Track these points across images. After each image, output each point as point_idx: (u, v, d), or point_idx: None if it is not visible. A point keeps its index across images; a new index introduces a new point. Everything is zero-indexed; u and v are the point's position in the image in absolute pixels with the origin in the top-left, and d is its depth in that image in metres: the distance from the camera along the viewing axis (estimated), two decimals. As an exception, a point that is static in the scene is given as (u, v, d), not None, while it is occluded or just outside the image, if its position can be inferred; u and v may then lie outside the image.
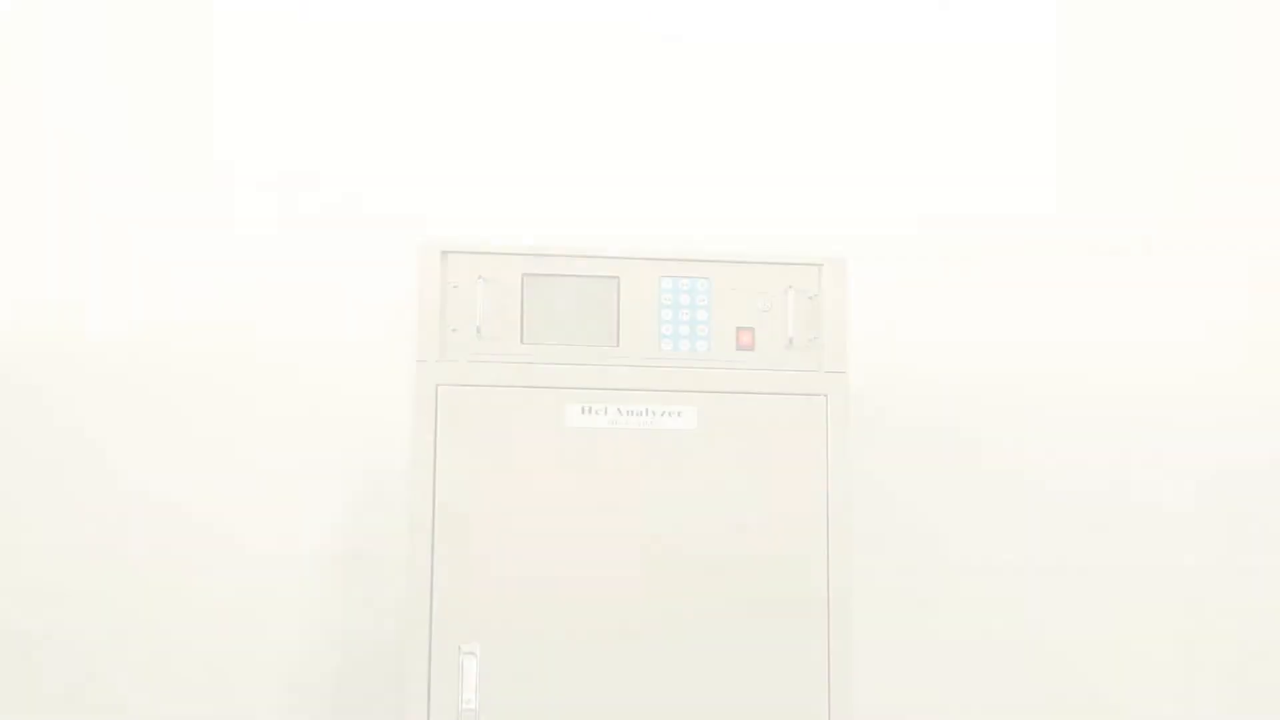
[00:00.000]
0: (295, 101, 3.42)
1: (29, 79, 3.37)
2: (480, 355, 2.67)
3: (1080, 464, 3.53)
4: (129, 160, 3.36)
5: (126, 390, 3.29)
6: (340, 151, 3.40)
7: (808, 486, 2.66)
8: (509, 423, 2.63)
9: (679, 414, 2.66)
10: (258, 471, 3.29)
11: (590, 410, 2.64)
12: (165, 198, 3.35)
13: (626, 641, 2.58)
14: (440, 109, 3.44)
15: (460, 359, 2.66)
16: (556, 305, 2.69)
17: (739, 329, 2.73)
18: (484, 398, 2.63)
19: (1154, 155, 3.62)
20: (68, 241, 3.32)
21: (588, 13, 3.51)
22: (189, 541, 3.25)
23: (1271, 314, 3.60)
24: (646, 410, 2.65)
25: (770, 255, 2.80)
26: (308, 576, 3.27)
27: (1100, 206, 3.58)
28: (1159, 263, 3.57)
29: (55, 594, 3.19)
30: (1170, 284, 3.57)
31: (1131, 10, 3.66)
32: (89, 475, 3.25)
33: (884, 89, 3.55)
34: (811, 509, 2.65)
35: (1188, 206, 3.60)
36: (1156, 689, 3.46)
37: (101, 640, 3.20)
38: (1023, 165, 3.56)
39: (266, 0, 3.45)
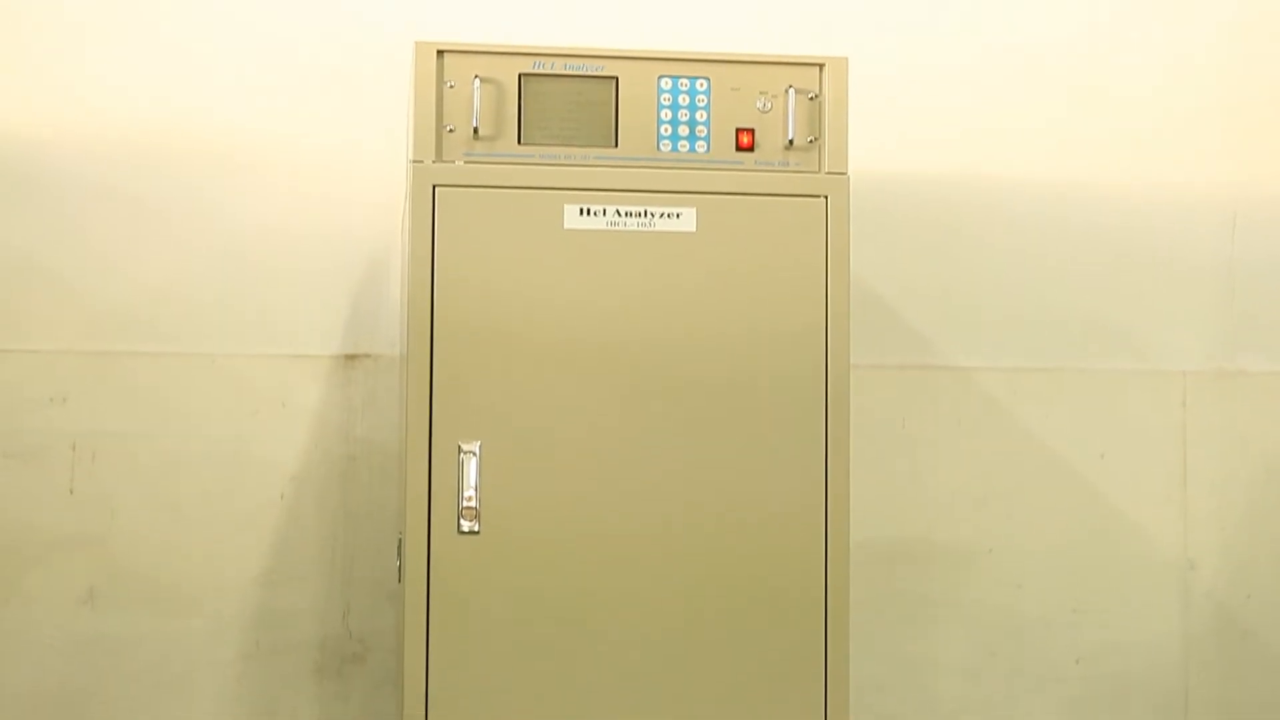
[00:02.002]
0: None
1: None
2: (477, 156, 2.65)
3: (1080, 267, 3.53)
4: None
5: (113, 191, 3.27)
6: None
7: (806, 288, 2.65)
8: (507, 224, 2.61)
9: (677, 216, 2.64)
10: (254, 273, 3.29)
11: (588, 212, 2.63)
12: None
13: (625, 437, 2.60)
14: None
15: (456, 160, 2.64)
16: (554, 106, 2.66)
17: (738, 130, 2.70)
18: (481, 199, 2.61)
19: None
20: (54, 40, 3.27)
21: None
22: (186, 349, 3.27)
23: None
24: (645, 212, 2.64)
25: (770, 54, 2.76)
26: (307, 378, 3.29)
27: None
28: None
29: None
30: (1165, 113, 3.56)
31: None
32: (79, 284, 3.25)
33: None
34: (810, 311, 2.65)
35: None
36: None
37: (106, 431, 3.24)
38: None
39: None
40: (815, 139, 2.71)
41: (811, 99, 2.71)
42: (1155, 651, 3.54)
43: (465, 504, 2.56)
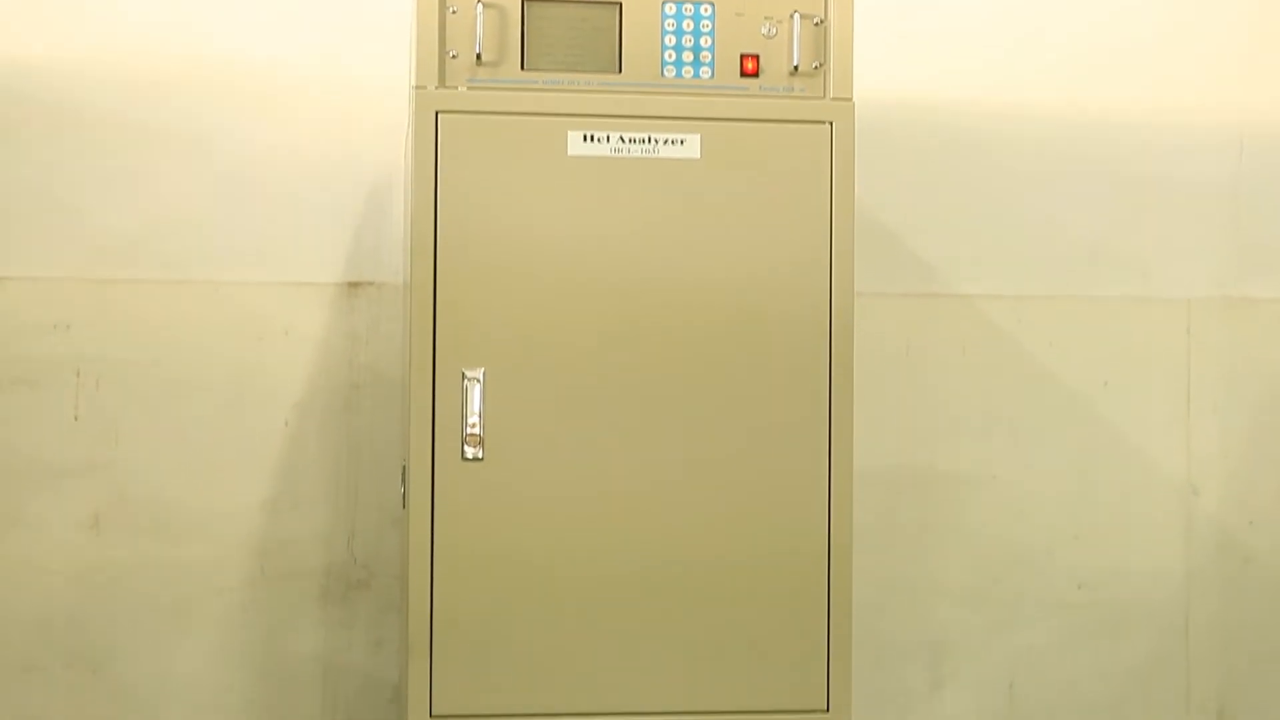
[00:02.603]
0: None
1: None
2: (480, 83, 2.63)
3: (1085, 194, 3.52)
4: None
5: (116, 118, 3.25)
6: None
7: (811, 215, 2.64)
8: (510, 151, 2.60)
9: (681, 142, 2.63)
10: (257, 201, 3.28)
11: (592, 139, 2.62)
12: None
13: (628, 364, 2.60)
14: None
15: (459, 86, 2.62)
16: (557, 32, 2.64)
17: (743, 55, 2.68)
18: (484, 125, 2.60)
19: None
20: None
21: None
22: (189, 276, 3.26)
23: None
24: (649, 138, 2.63)
25: (775, -22, 2.74)
26: (311, 306, 3.29)
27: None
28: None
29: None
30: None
31: None
32: (81, 211, 3.25)
33: None
34: (814, 238, 2.64)
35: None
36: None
37: (110, 358, 3.24)
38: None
39: None
40: (820, 65, 2.69)
41: (817, 24, 2.69)
42: (1157, 577, 3.55)
43: (469, 431, 2.57)
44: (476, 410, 2.56)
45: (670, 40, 2.66)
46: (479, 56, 2.62)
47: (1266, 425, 3.59)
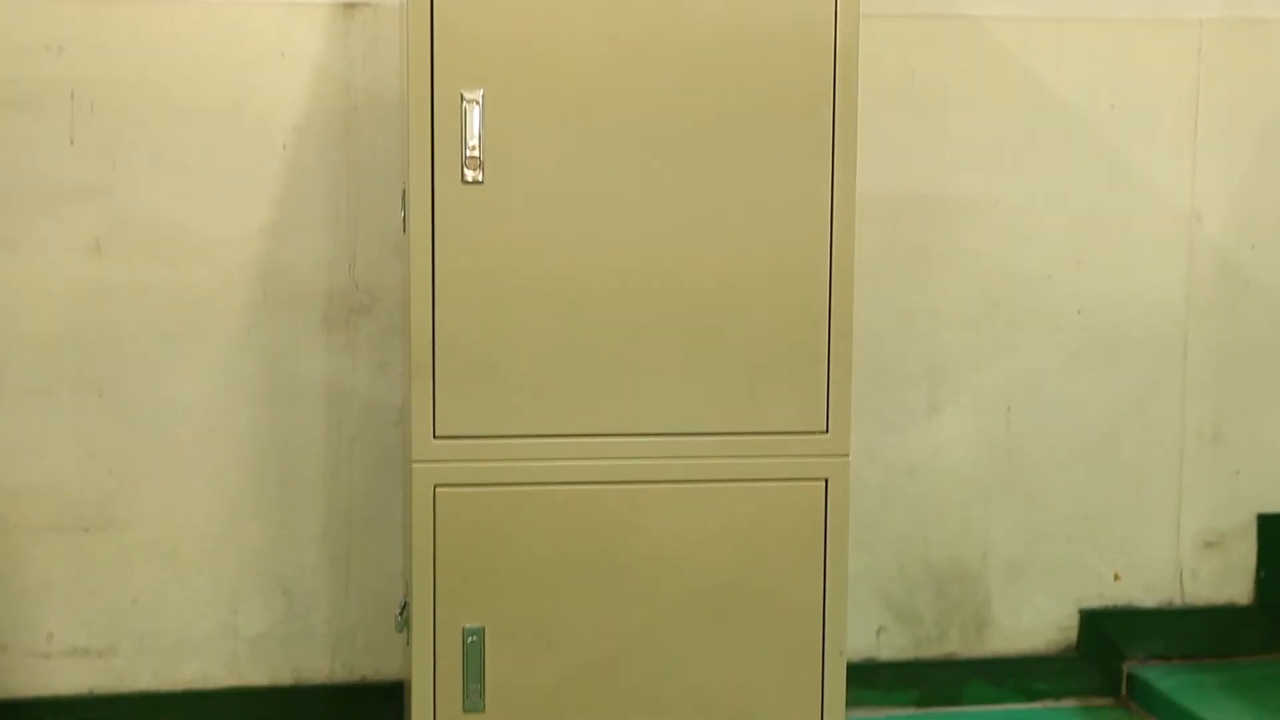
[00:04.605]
0: None
1: None
2: None
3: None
4: None
5: None
6: None
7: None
8: None
9: None
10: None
11: None
12: None
13: (631, 89, 2.56)
14: None
15: None
16: None
17: None
18: None
19: None
20: None
21: None
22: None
23: None
24: None
25: None
26: (305, 26, 3.23)
27: None
28: None
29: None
30: None
31: None
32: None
33: None
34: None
35: None
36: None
37: (104, 80, 3.20)
38: None
39: None
40: None
41: None
42: (1157, 302, 3.57)
43: (469, 154, 2.54)
44: (476, 132, 2.54)
45: None
46: None
47: (1273, 149, 3.56)
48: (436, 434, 2.56)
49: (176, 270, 3.23)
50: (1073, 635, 3.62)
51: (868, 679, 3.52)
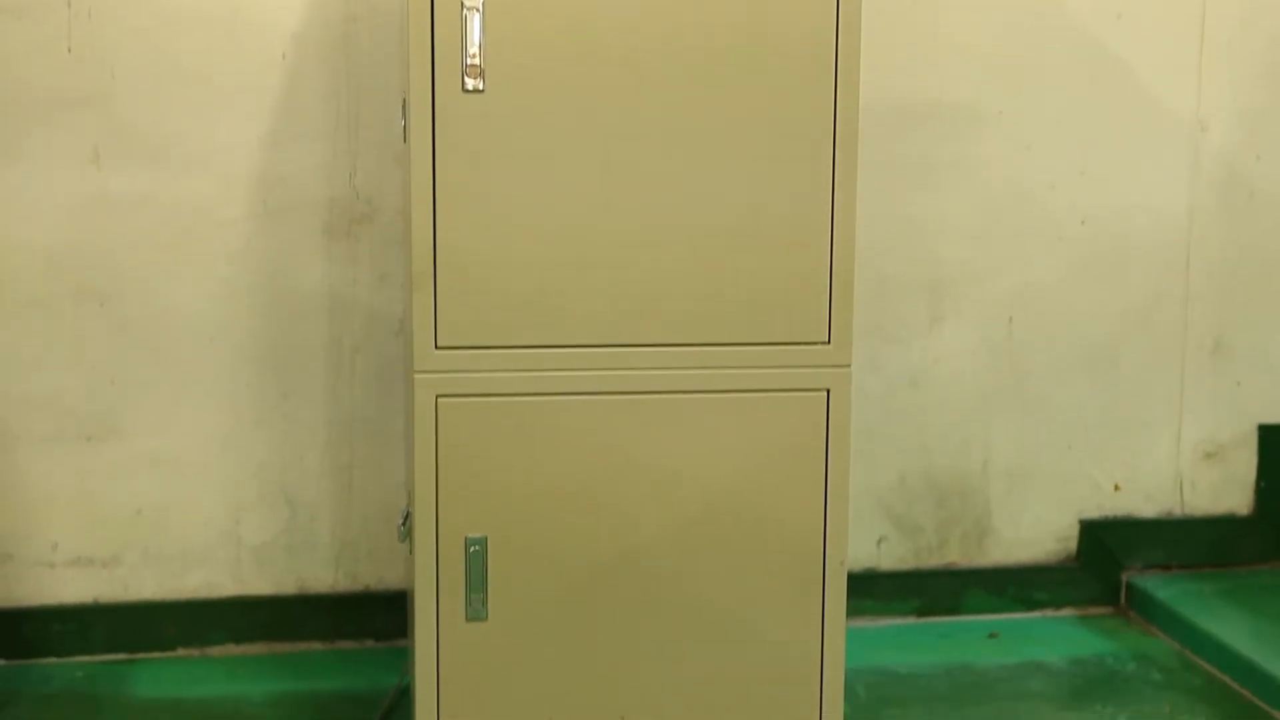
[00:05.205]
0: None
1: None
2: None
3: None
4: None
5: None
6: None
7: None
8: None
9: None
10: None
11: None
12: None
13: (631, -2, 2.55)
14: None
15: None
16: None
17: None
18: None
19: None
20: None
21: None
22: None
23: None
24: None
25: None
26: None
27: None
28: None
29: None
30: None
31: None
32: None
33: None
34: None
35: None
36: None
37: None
38: None
39: None
40: None
41: None
42: (1160, 213, 3.56)
43: (469, 62, 2.52)
44: (476, 40, 2.51)
45: None
46: None
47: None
48: (438, 344, 2.55)
49: (176, 180, 3.22)
50: (1072, 545, 3.64)
51: (868, 589, 3.54)
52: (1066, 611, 3.64)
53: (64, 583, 3.30)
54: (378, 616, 3.40)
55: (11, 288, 3.20)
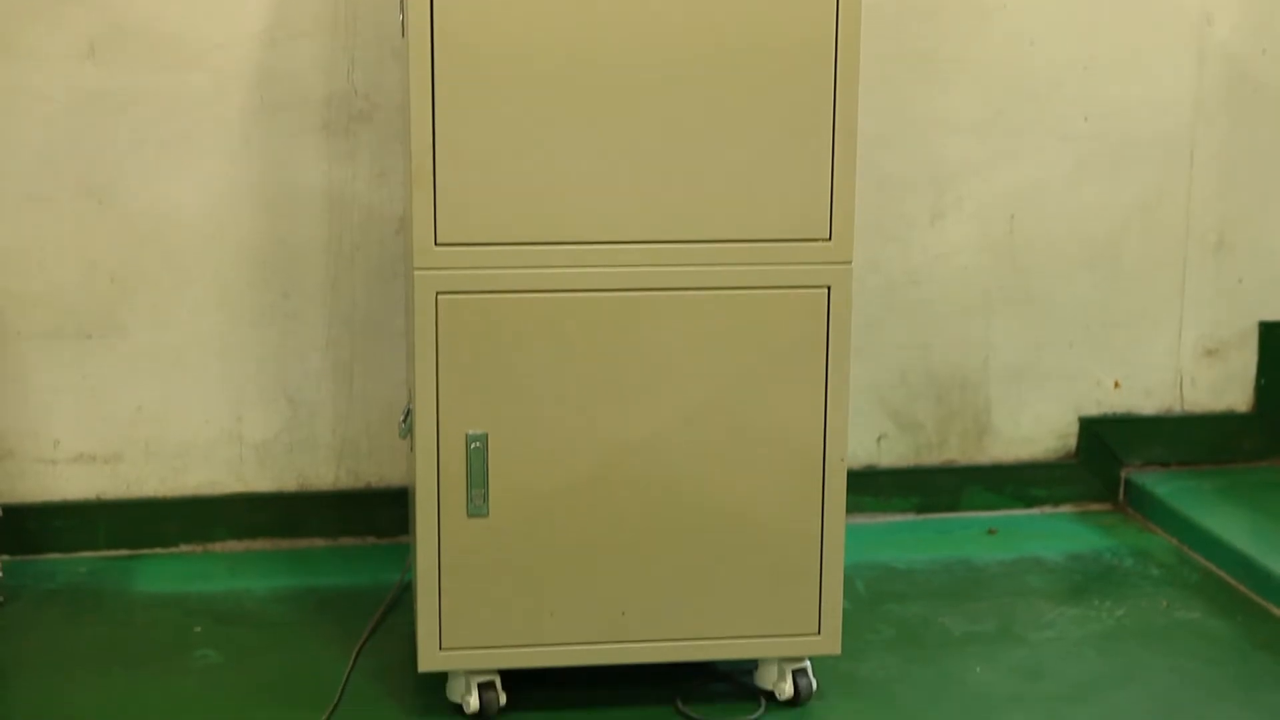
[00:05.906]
0: None
1: None
2: None
3: None
4: None
5: None
6: None
7: None
8: None
9: None
10: None
11: None
12: None
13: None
14: None
15: None
16: None
17: None
18: None
19: None
20: None
21: None
22: None
23: None
24: None
25: None
26: None
27: None
28: None
29: None
30: None
31: None
32: None
33: None
34: None
35: None
36: None
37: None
38: None
39: None
40: None
41: None
42: (1165, 108, 3.53)
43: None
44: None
45: None
46: None
47: (1288, -48, 3.50)
48: (438, 241, 2.54)
49: (173, 76, 3.20)
50: (1072, 442, 3.65)
51: (868, 485, 3.56)
52: (1065, 508, 3.66)
53: (66, 479, 3.32)
54: (379, 513, 3.42)
55: (10, 183, 3.19)
